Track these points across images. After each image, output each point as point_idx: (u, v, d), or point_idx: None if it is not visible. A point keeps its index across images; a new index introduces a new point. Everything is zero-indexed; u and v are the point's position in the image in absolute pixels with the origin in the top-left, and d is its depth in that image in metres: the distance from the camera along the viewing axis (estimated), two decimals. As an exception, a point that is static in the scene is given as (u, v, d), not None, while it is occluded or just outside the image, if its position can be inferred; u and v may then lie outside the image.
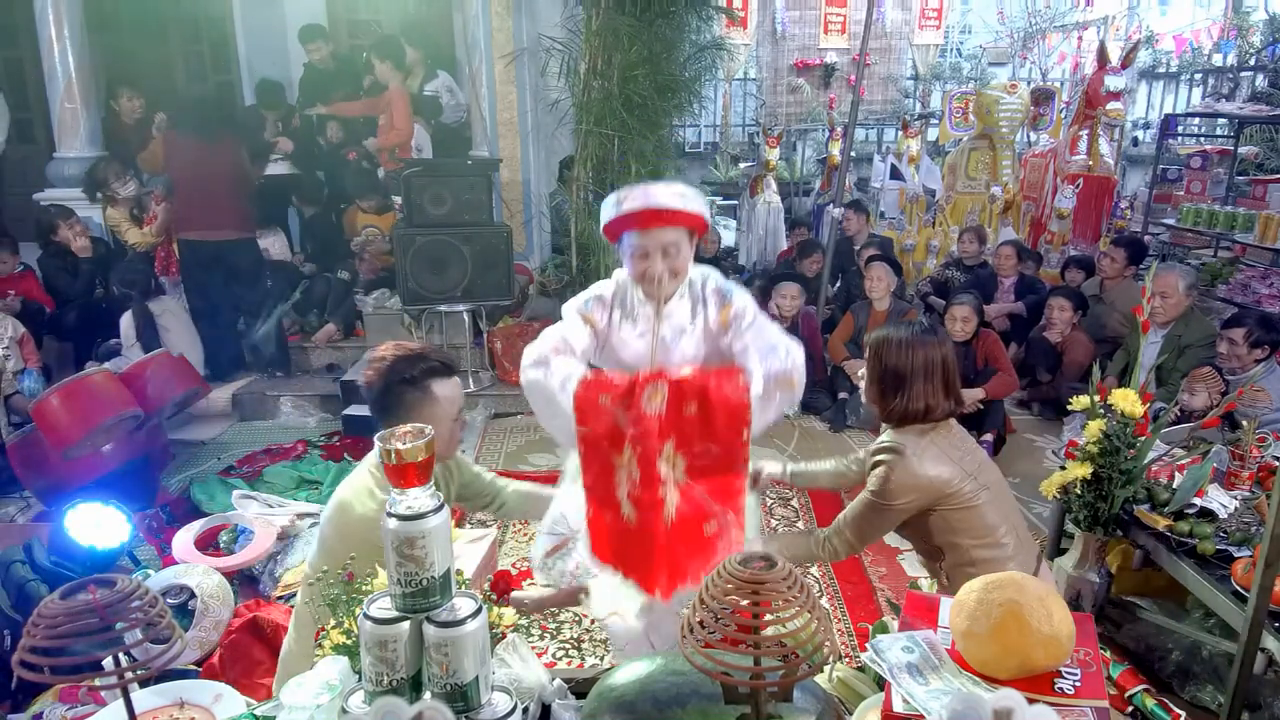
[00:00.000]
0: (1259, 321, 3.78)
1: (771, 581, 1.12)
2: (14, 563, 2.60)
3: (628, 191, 2.08)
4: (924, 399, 2.22)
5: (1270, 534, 1.87)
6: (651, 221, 2.07)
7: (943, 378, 2.23)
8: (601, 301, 2.26)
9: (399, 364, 2.00)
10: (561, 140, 6.32)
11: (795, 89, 11.59)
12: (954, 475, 2.18)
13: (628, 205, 2.06)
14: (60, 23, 5.53)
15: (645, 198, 2.05)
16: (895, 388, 2.24)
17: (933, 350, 2.24)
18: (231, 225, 5.11)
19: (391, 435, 1.24)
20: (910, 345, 2.24)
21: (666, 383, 1.98)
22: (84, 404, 3.44)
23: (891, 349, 2.26)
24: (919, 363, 2.22)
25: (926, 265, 7.04)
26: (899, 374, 2.23)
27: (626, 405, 1.99)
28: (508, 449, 4.74)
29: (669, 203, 2.05)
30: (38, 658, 1.12)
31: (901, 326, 2.33)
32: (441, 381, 2.02)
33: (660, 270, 2.11)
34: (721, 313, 2.17)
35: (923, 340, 2.25)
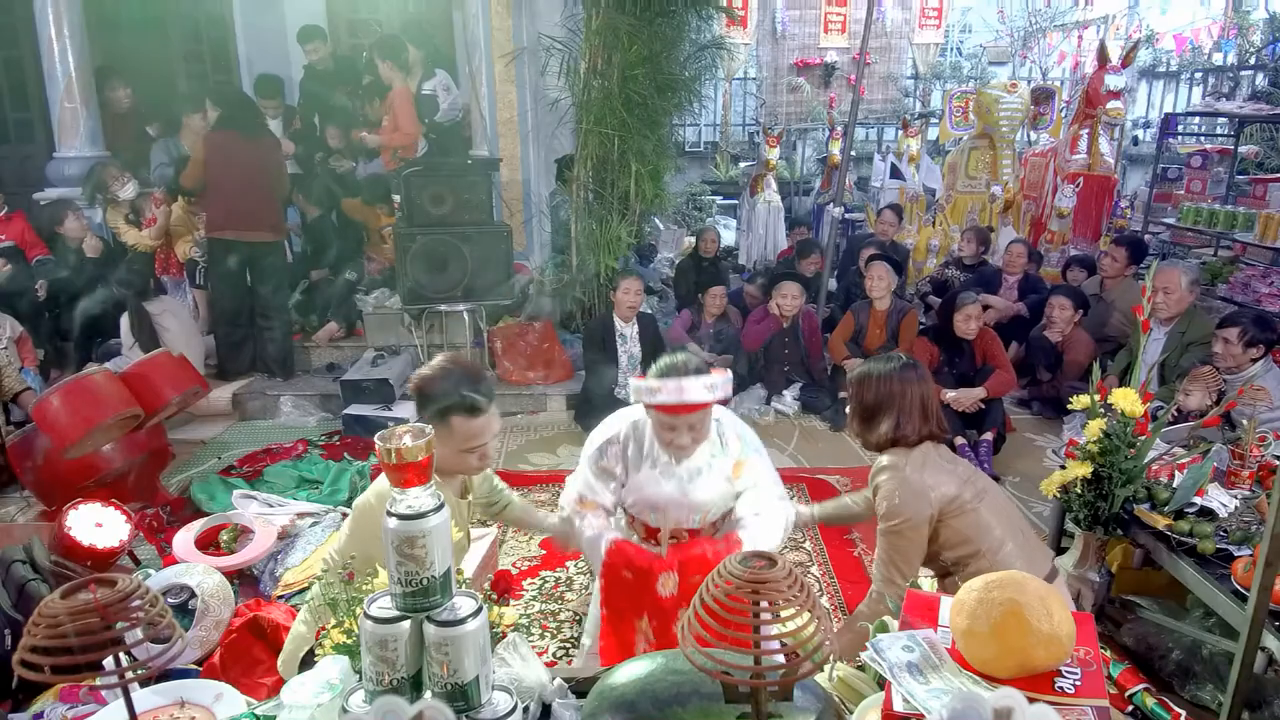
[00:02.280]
0: (1254, 321, 3.77)
1: (771, 581, 1.12)
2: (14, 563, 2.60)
3: (660, 382, 2.16)
4: (904, 427, 2.30)
5: (1270, 533, 1.87)
6: (680, 411, 2.19)
7: (921, 409, 2.32)
8: (616, 446, 2.43)
9: (429, 384, 2.03)
10: (561, 140, 6.32)
11: (795, 88, 11.60)
12: (952, 481, 2.25)
13: (661, 398, 2.17)
14: (60, 23, 5.53)
15: (678, 393, 2.14)
16: (875, 419, 2.34)
17: (911, 385, 2.32)
18: (266, 227, 5.13)
19: (392, 435, 1.25)
20: (889, 379, 2.33)
21: (676, 569, 2.27)
22: (84, 404, 3.43)
23: (871, 384, 2.35)
24: (898, 396, 2.31)
25: (927, 265, 7.05)
26: (878, 407, 2.33)
27: (645, 585, 2.28)
28: (508, 449, 4.74)
29: (699, 398, 2.16)
30: (38, 657, 1.12)
31: (881, 361, 2.40)
32: (464, 419, 2.01)
33: (685, 442, 2.28)
34: (735, 466, 2.40)
35: (901, 375, 2.33)
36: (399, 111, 5.68)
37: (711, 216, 10.05)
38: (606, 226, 5.58)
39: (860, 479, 4.26)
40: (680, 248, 8.28)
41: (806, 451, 4.69)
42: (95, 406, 3.45)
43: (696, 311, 5.64)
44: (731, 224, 9.97)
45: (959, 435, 4.49)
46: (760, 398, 5.23)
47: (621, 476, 2.44)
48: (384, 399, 4.88)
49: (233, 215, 5.00)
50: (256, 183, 5.02)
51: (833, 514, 2.76)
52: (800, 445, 4.78)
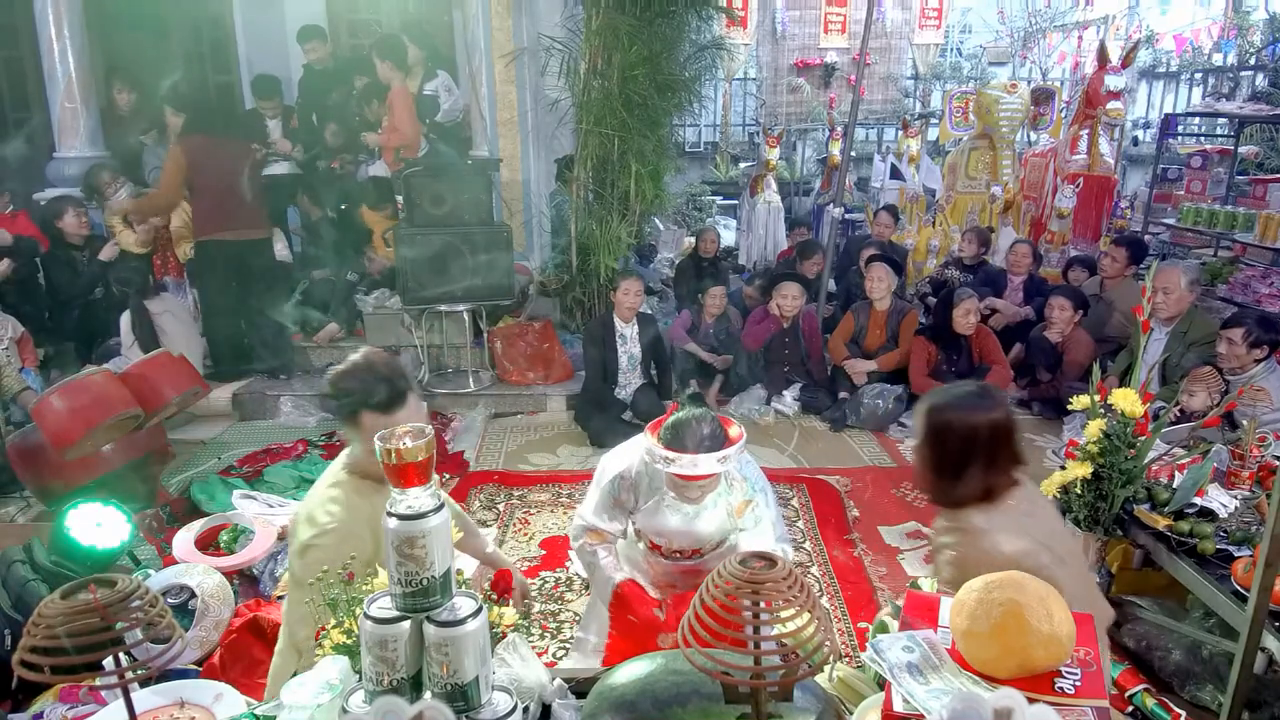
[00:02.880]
0: (1258, 321, 3.78)
1: (771, 581, 1.12)
2: (14, 563, 2.60)
3: (676, 455, 2.18)
4: (987, 479, 1.87)
5: (1270, 533, 1.87)
6: (693, 479, 2.24)
7: (1009, 448, 1.90)
8: (627, 482, 2.49)
9: (340, 379, 1.94)
10: (561, 140, 6.32)
11: (795, 89, 11.61)
12: (1030, 548, 1.82)
13: (675, 469, 2.20)
14: (60, 23, 5.52)
15: (693, 468, 2.18)
16: (965, 472, 1.87)
17: (1001, 420, 1.89)
18: (252, 224, 5.11)
19: (391, 435, 1.25)
20: (977, 418, 1.87)
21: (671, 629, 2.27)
22: (84, 404, 3.43)
23: (955, 428, 1.88)
24: (984, 437, 1.86)
25: (927, 265, 7.05)
26: (969, 455, 1.87)
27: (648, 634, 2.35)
28: (508, 448, 4.74)
29: (713, 470, 2.20)
30: (38, 657, 1.12)
31: (957, 394, 1.95)
32: (375, 416, 1.89)
33: (696, 495, 2.34)
34: (739, 505, 2.45)
35: (989, 409, 1.89)
36: (397, 112, 5.68)
37: (711, 217, 10.06)
38: (606, 226, 5.58)
39: (860, 479, 4.27)
40: (680, 248, 8.28)
41: (806, 451, 4.69)
42: (95, 406, 3.45)
43: (696, 311, 5.63)
44: (731, 224, 9.97)
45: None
46: (760, 398, 5.23)
47: (631, 505, 2.52)
48: (384, 399, 4.87)
49: (219, 216, 4.98)
50: (237, 181, 4.98)
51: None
52: (800, 445, 4.78)
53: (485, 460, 4.58)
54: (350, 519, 1.92)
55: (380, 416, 1.88)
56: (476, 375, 5.41)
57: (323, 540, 1.90)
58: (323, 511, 1.93)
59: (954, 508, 1.90)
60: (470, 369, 5.43)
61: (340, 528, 1.90)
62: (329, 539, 1.89)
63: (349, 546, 1.83)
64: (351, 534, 1.89)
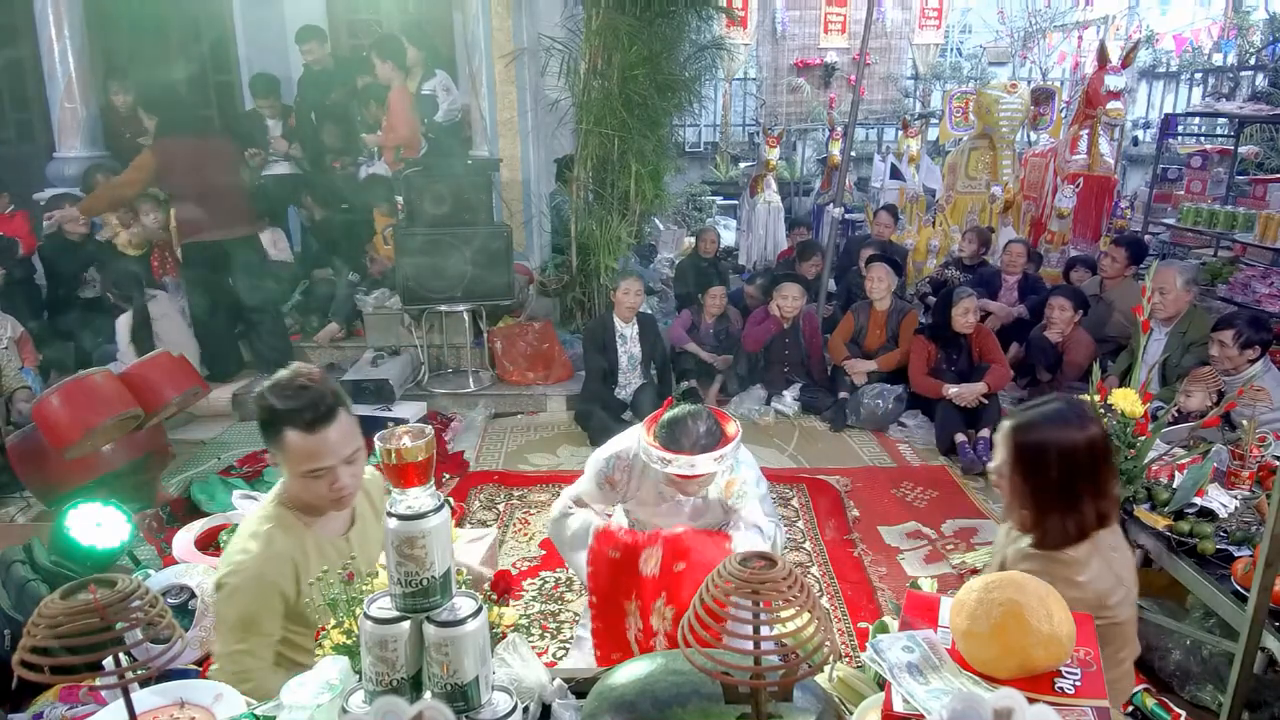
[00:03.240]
0: (1248, 322, 3.77)
1: (771, 581, 1.12)
2: (14, 563, 2.60)
3: (672, 456, 2.19)
4: (1091, 510, 1.68)
5: (1270, 533, 1.87)
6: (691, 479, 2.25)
7: (1111, 468, 1.72)
8: (623, 461, 2.49)
9: (262, 395, 1.75)
10: (561, 140, 6.32)
11: (795, 89, 11.61)
12: (1114, 585, 1.70)
13: (672, 470, 2.21)
14: (60, 23, 5.53)
15: (690, 468, 2.19)
16: (1077, 501, 1.67)
17: (1099, 441, 1.70)
18: (234, 222, 5.06)
19: (391, 435, 1.25)
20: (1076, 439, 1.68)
21: (661, 547, 2.29)
22: (84, 404, 3.43)
23: (1056, 454, 1.66)
24: (1086, 460, 1.67)
25: (927, 265, 7.05)
26: (1076, 481, 1.67)
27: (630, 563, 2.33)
28: (508, 448, 4.74)
29: (709, 469, 2.21)
30: (38, 658, 1.12)
31: (1045, 414, 1.73)
32: (297, 435, 1.72)
33: (693, 490, 2.36)
34: (727, 485, 2.43)
35: (1088, 430, 1.69)
36: (396, 111, 5.69)
37: (711, 217, 10.06)
38: (606, 226, 5.58)
39: (860, 478, 4.27)
40: (680, 248, 8.28)
41: (806, 451, 4.69)
42: (95, 407, 3.45)
43: (696, 311, 5.64)
44: (731, 224, 9.97)
45: (959, 433, 4.50)
46: (760, 398, 5.23)
47: (624, 489, 2.51)
48: (384, 399, 4.87)
49: (200, 218, 4.93)
50: (217, 180, 4.93)
51: None
52: (800, 445, 4.78)
53: (485, 460, 4.58)
54: (266, 556, 1.76)
55: (305, 436, 1.71)
56: (476, 375, 5.41)
57: (231, 580, 1.75)
58: (239, 549, 1.79)
59: (1061, 546, 1.68)
60: (470, 369, 5.43)
61: (252, 566, 1.75)
62: (237, 579, 1.75)
63: (263, 587, 1.74)
64: (264, 575, 1.75)
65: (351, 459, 1.79)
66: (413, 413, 4.82)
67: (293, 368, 1.80)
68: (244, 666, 1.74)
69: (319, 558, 1.83)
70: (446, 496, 2.77)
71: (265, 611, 1.76)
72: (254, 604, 1.75)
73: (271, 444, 1.76)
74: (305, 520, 1.85)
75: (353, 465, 1.80)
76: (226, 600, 1.76)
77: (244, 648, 1.75)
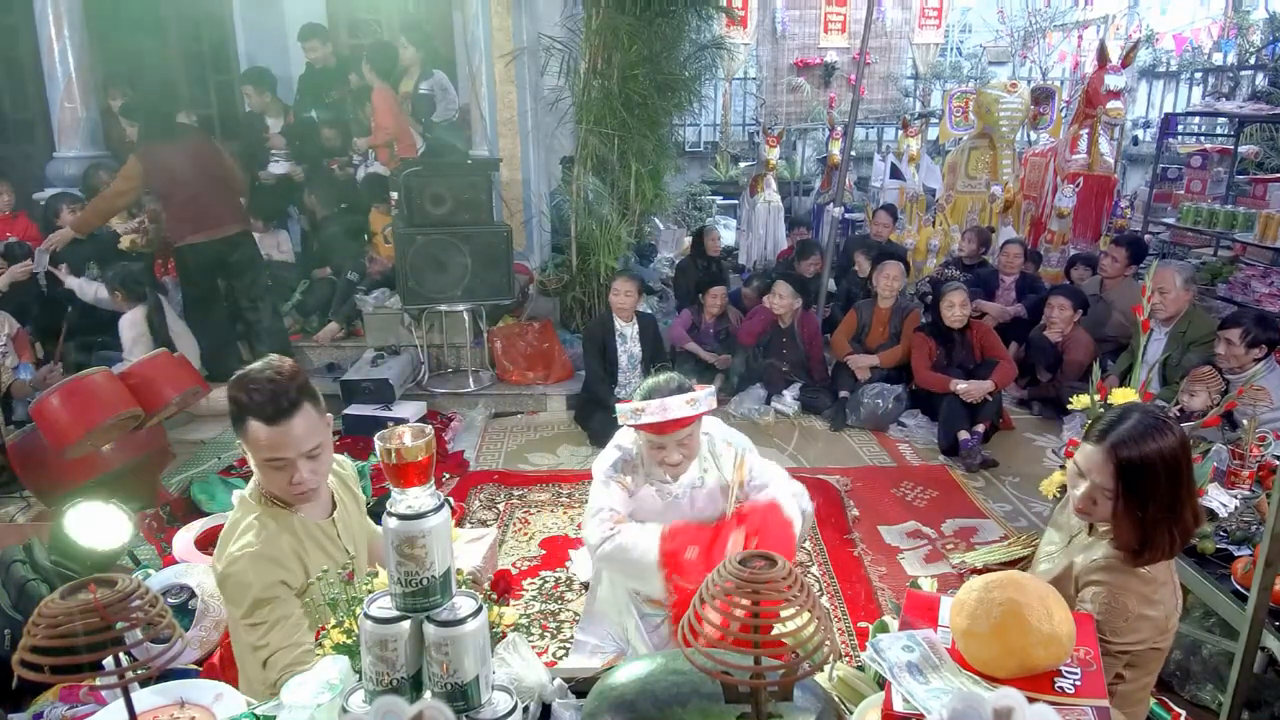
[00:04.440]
0: (1255, 321, 3.78)
1: (772, 581, 1.12)
2: (14, 563, 2.60)
3: (644, 403, 2.25)
4: (1190, 515, 1.63)
5: (1270, 533, 1.87)
6: (668, 428, 2.28)
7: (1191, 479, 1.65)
8: (628, 461, 2.50)
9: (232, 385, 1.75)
10: (561, 140, 6.32)
11: (795, 88, 11.60)
12: (1174, 609, 1.67)
13: (646, 418, 2.25)
14: (60, 23, 5.53)
15: (662, 412, 2.23)
16: (1173, 514, 1.60)
17: (1184, 437, 1.65)
18: (227, 221, 5.02)
19: (391, 435, 1.25)
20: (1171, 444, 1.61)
21: (742, 526, 2.31)
22: (84, 404, 3.43)
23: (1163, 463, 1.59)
24: (1186, 464, 1.61)
25: (927, 265, 7.05)
26: (1177, 490, 1.60)
27: (710, 557, 2.28)
28: (508, 448, 4.74)
29: (683, 413, 2.25)
30: (38, 657, 1.12)
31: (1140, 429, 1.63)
32: (260, 426, 1.72)
33: (676, 459, 2.36)
34: (738, 470, 2.46)
35: (1172, 429, 1.63)
36: (378, 111, 5.72)
37: (711, 216, 10.05)
38: (606, 226, 5.58)
39: (860, 478, 4.27)
40: (680, 248, 8.28)
41: (806, 451, 4.69)
42: (95, 406, 3.45)
43: (696, 311, 5.64)
44: (731, 224, 9.97)
45: (963, 429, 4.50)
46: (760, 397, 5.23)
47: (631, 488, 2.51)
48: (384, 399, 4.87)
49: (194, 219, 4.90)
50: (205, 180, 4.89)
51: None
52: (800, 445, 4.78)
53: (485, 460, 4.58)
54: (265, 539, 1.78)
55: (266, 427, 1.70)
56: (476, 375, 5.41)
57: (234, 569, 1.76)
58: (234, 543, 1.79)
59: (1161, 558, 1.62)
60: (470, 369, 5.43)
61: (253, 551, 1.76)
62: (240, 565, 1.75)
63: (271, 571, 1.75)
64: (269, 558, 1.76)
65: (314, 454, 1.79)
66: (413, 412, 4.82)
67: (265, 359, 1.81)
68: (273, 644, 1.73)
69: (311, 540, 1.87)
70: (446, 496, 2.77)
71: (273, 589, 1.76)
72: (266, 582, 1.75)
73: (238, 432, 1.77)
74: (287, 511, 1.87)
75: (315, 460, 1.80)
76: (233, 591, 1.77)
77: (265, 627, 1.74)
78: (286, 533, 1.82)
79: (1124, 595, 1.60)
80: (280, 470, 1.76)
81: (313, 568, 1.82)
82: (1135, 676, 1.67)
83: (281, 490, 1.82)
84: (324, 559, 1.86)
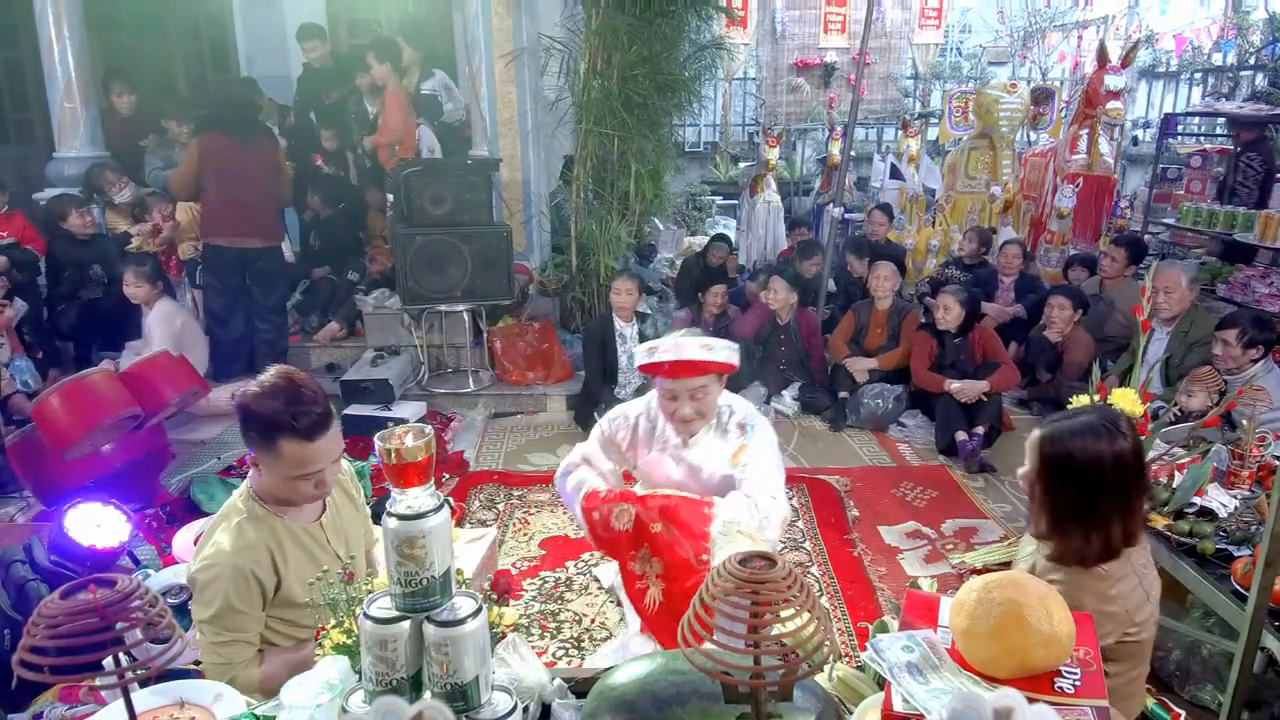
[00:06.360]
0: (1252, 322, 3.77)
1: (771, 581, 1.12)
2: (14, 563, 2.60)
3: (659, 342, 2.27)
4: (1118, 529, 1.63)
5: (1270, 533, 1.87)
6: (681, 372, 2.26)
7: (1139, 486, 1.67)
8: (627, 421, 2.51)
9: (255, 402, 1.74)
10: (561, 140, 6.32)
11: (795, 88, 11.60)
12: (1143, 602, 1.68)
13: (659, 356, 2.25)
14: (60, 23, 5.53)
15: (676, 351, 2.22)
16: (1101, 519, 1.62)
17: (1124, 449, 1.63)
18: (260, 234, 5.05)
19: (391, 435, 1.25)
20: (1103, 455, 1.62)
21: (634, 506, 2.34)
22: (84, 404, 3.43)
23: (1081, 467, 1.62)
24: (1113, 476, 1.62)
25: (926, 265, 7.05)
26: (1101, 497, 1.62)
27: (604, 521, 2.37)
28: (508, 448, 4.74)
29: (697, 355, 2.24)
30: (38, 658, 1.12)
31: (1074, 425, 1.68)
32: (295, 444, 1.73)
33: (688, 413, 2.33)
34: (736, 452, 2.42)
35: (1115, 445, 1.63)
36: (389, 111, 5.70)
37: (711, 216, 10.05)
38: (606, 226, 5.58)
39: (860, 478, 4.27)
40: (680, 248, 8.27)
41: (806, 451, 4.69)
42: (95, 406, 3.45)
43: (696, 310, 5.64)
44: (731, 224, 9.97)
45: (960, 431, 4.50)
46: (760, 396, 5.23)
47: (628, 454, 2.51)
48: (384, 399, 4.88)
49: (228, 220, 4.92)
50: (251, 187, 4.92)
51: None
52: (800, 445, 4.78)
53: (485, 460, 4.58)
54: (239, 548, 1.78)
55: (303, 444, 1.72)
56: (476, 375, 5.41)
57: (204, 574, 1.76)
58: (210, 544, 1.81)
59: (1076, 562, 1.65)
60: (470, 369, 5.43)
61: (226, 559, 1.76)
62: (210, 573, 1.76)
63: (240, 578, 1.75)
64: (239, 566, 1.76)
65: (337, 459, 1.86)
66: (413, 413, 4.82)
67: (284, 373, 1.80)
68: (225, 659, 1.76)
69: (294, 545, 1.87)
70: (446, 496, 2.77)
71: (244, 602, 1.77)
72: (231, 595, 1.76)
73: (262, 448, 1.75)
74: (276, 511, 1.87)
75: (336, 464, 1.86)
76: (202, 594, 1.78)
77: (224, 639, 1.76)
78: (266, 536, 1.83)
79: (1078, 593, 1.60)
80: (307, 480, 1.79)
81: (290, 571, 1.84)
82: (1119, 670, 1.67)
83: (300, 496, 1.84)
84: (306, 562, 1.86)
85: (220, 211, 4.94)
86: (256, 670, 1.78)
